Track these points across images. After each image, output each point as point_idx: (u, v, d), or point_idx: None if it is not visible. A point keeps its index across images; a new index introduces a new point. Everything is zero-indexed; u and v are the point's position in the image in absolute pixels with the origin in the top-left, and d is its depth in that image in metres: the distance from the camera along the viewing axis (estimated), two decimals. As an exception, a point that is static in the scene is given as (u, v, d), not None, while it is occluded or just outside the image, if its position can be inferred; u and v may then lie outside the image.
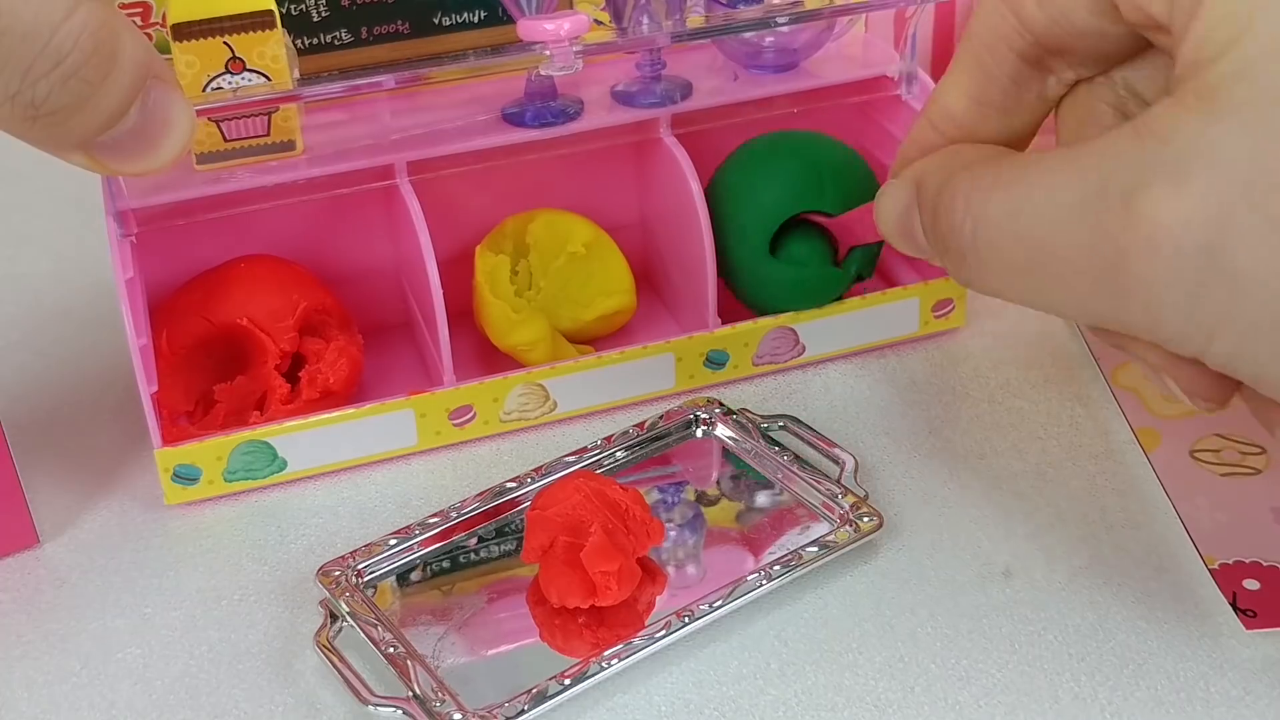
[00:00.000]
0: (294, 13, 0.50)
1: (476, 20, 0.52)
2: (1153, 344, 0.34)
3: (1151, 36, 0.34)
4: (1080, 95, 0.38)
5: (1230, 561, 0.42)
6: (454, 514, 0.46)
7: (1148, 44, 0.36)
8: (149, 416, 0.46)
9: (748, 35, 0.52)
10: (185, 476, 0.48)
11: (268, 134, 0.47)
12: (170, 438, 0.47)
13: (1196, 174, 0.30)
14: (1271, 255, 0.30)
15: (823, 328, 0.53)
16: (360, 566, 0.44)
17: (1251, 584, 0.42)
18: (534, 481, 0.47)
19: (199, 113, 0.44)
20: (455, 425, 0.50)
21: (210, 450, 0.48)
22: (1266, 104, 0.29)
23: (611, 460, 0.48)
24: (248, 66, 0.45)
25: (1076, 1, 0.35)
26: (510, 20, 0.50)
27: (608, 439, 0.49)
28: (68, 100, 0.31)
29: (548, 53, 0.47)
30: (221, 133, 0.46)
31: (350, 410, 0.49)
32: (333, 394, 0.49)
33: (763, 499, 0.47)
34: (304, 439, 0.48)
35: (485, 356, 0.53)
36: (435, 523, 0.45)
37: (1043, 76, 0.38)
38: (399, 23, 0.51)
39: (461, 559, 0.45)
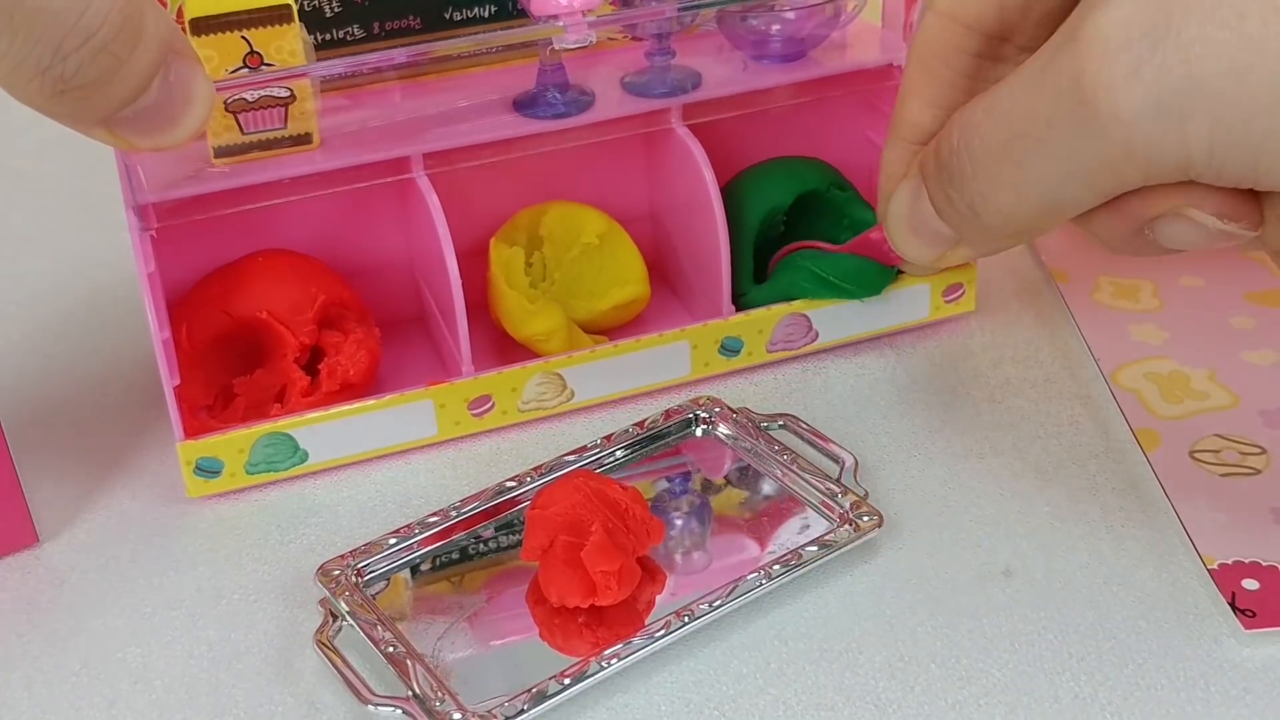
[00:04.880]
0: (307, 8, 0.50)
1: (487, 15, 0.53)
2: (1151, 191, 0.34)
3: None
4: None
5: (1229, 562, 0.42)
6: (454, 513, 0.46)
7: None
8: (171, 411, 0.47)
9: (754, 24, 0.52)
10: (207, 469, 0.48)
11: (285, 126, 0.47)
12: (190, 431, 0.48)
13: None
14: (1213, 16, 0.31)
15: (835, 314, 0.53)
16: (360, 566, 0.44)
17: (1250, 584, 0.42)
18: (534, 481, 0.47)
19: (218, 90, 0.44)
20: (474, 415, 0.50)
21: (233, 443, 0.48)
22: None
23: (611, 459, 0.48)
24: (265, 61, 0.45)
25: None
26: (520, 14, 0.50)
27: (607, 438, 0.49)
28: (96, 74, 0.32)
29: (561, 24, 0.48)
30: (239, 125, 0.46)
31: (371, 401, 0.49)
32: (352, 386, 0.50)
33: (762, 498, 0.47)
34: (325, 430, 0.49)
35: (500, 348, 0.53)
36: (435, 522, 0.45)
37: (997, 65, 0.39)
38: (410, 18, 0.52)
39: (461, 558, 0.45)
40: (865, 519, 0.44)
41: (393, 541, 0.45)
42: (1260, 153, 0.32)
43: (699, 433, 0.50)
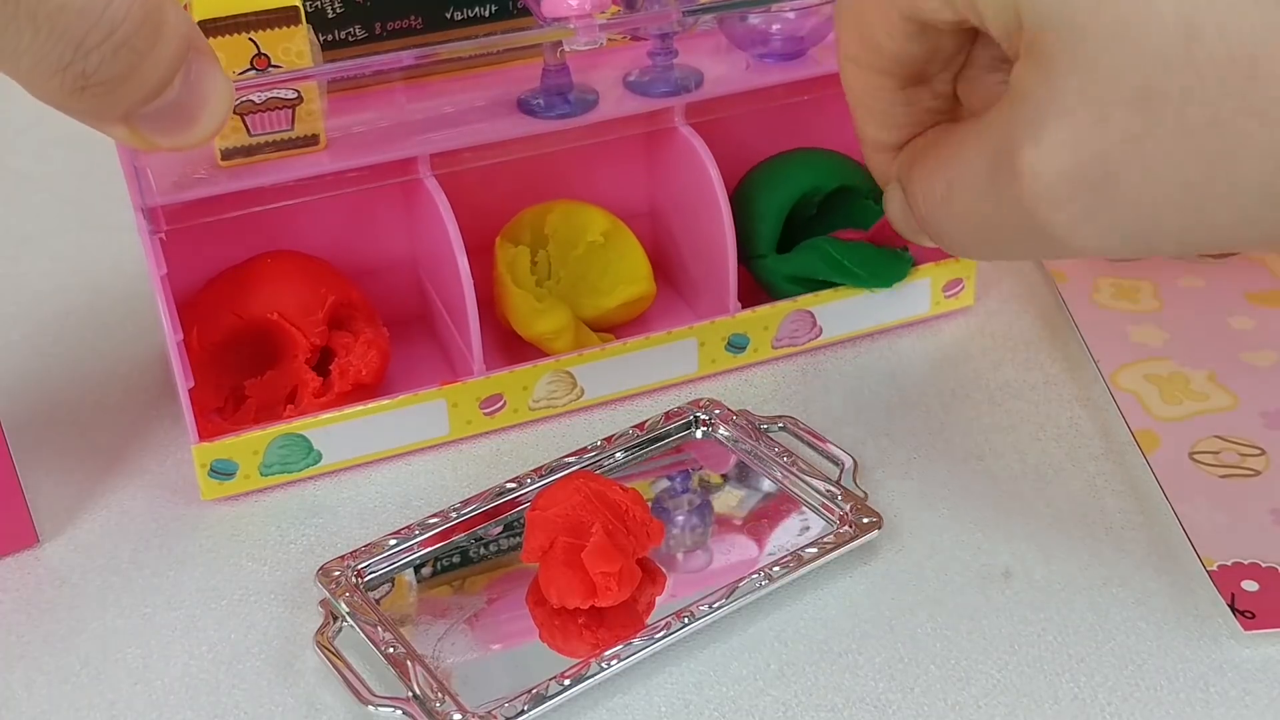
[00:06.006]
0: (309, 9, 0.50)
1: (487, 14, 0.53)
2: None
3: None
4: (970, 80, 0.40)
5: (1229, 563, 0.42)
6: (454, 514, 0.46)
7: (971, 39, 0.39)
8: (186, 413, 0.47)
9: (755, 23, 0.52)
10: (222, 472, 0.48)
11: (291, 128, 0.47)
12: (201, 434, 0.48)
13: (1048, 121, 0.32)
14: (1154, 164, 0.32)
15: (839, 310, 0.54)
16: (360, 566, 0.44)
17: (1250, 585, 0.42)
18: (534, 482, 0.47)
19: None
20: (486, 414, 0.50)
21: (246, 445, 0.48)
22: (1095, 55, 0.32)
23: (611, 461, 0.48)
24: (272, 63, 0.45)
25: (894, 40, 0.38)
26: (521, 13, 0.51)
27: (607, 439, 0.49)
28: (117, 70, 0.32)
29: (573, 26, 0.48)
30: (246, 127, 0.46)
31: (385, 401, 0.49)
32: (364, 386, 0.50)
33: (762, 500, 0.47)
34: (338, 431, 0.49)
35: (505, 346, 0.53)
36: (435, 523, 0.45)
37: (928, 86, 0.40)
38: (412, 18, 0.52)
39: (461, 559, 0.45)
40: (865, 520, 0.44)
41: (393, 543, 0.45)
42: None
43: (699, 435, 0.50)
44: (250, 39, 0.45)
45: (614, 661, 0.40)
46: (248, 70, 0.45)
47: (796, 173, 0.55)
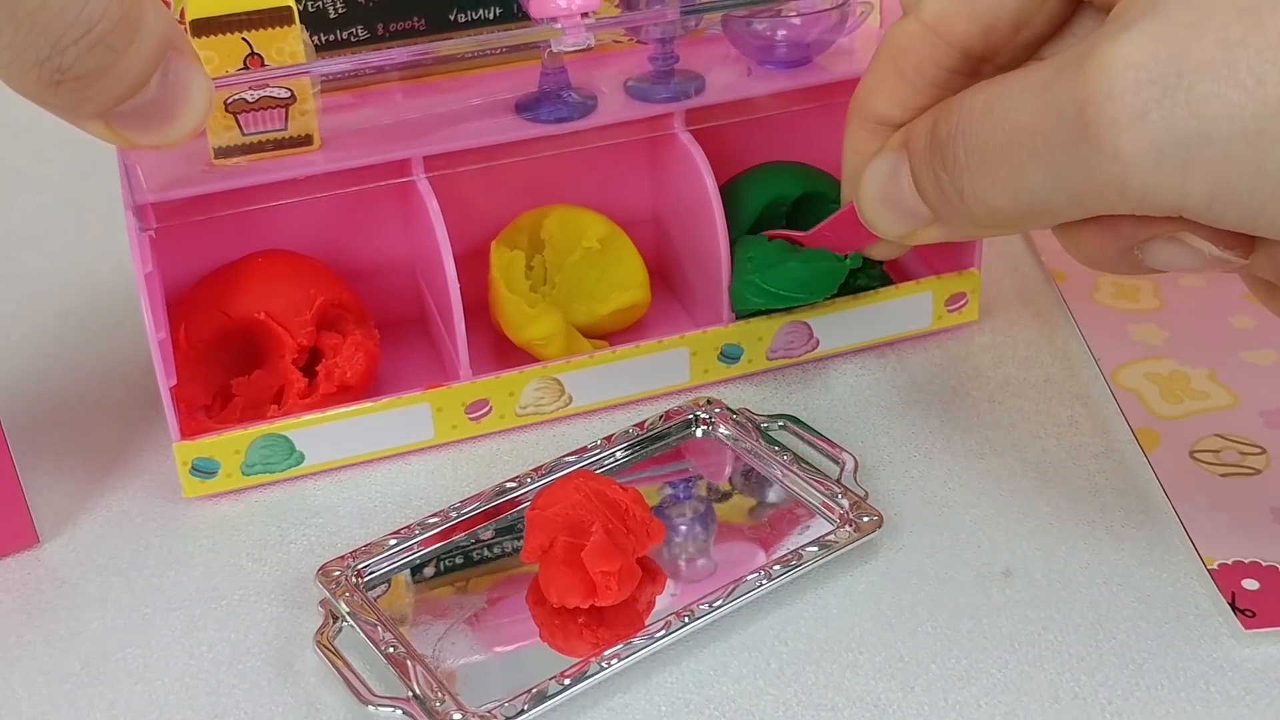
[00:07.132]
0: (311, 9, 0.50)
1: (492, 17, 0.53)
2: (1143, 218, 0.34)
3: None
4: None
5: (1229, 562, 0.42)
6: (454, 514, 0.46)
7: (1072, 10, 0.38)
8: (167, 410, 0.47)
9: (760, 29, 0.52)
10: (203, 470, 0.48)
11: (285, 127, 0.47)
12: (188, 431, 0.48)
13: (1141, 22, 0.31)
14: (1230, 75, 0.30)
15: (836, 322, 0.53)
16: (360, 566, 0.44)
17: (1250, 584, 0.42)
18: (534, 481, 0.47)
19: (219, 88, 0.44)
20: (471, 419, 0.50)
21: (228, 444, 0.48)
22: None
23: (612, 460, 0.48)
24: (266, 63, 0.45)
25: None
26: (524, 17, 0.51)
27: (607, 439, 0.49)
28: (92, 66, 0.32)
29: (559, 26, 0.48)
30: (239, 126, 0.46)
31: (367, 404, 0.49)
32: (349, 388, 0.50)
33: (762, 499, 0.47)
34: (321, 433, 0.49)
35: (500, 351, 0.53)
36: (435, 523, 0.45)
37: (971, 79, 0.39)
38: (415, 19, 0.52)
39: (461, 559, 0.45)
40: (865, 519, 0.44)
41: (393, 542, 0.45)
42: (1261, 211, 0.32)
43: (699, 434, 0.50)
44: (243, 39, 0.45)
45: (614, 661, 0.40)
46: (241, 69, 0.45)
47: (754, 189, 0.54)
